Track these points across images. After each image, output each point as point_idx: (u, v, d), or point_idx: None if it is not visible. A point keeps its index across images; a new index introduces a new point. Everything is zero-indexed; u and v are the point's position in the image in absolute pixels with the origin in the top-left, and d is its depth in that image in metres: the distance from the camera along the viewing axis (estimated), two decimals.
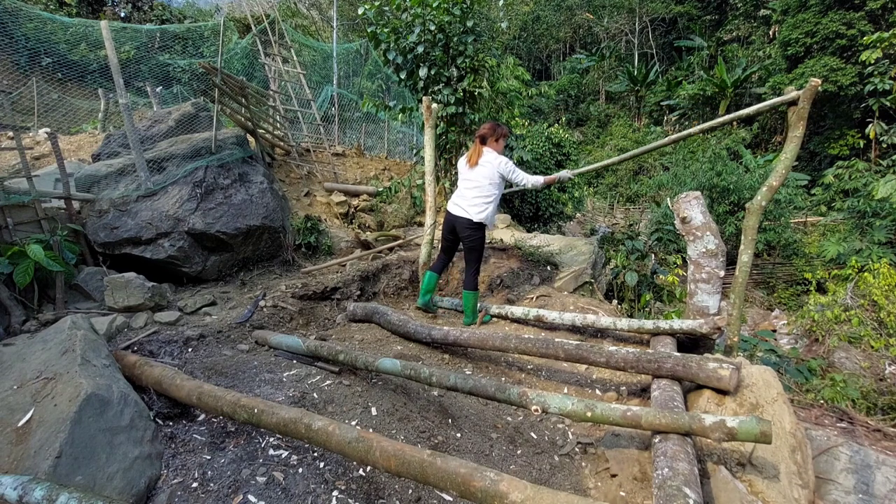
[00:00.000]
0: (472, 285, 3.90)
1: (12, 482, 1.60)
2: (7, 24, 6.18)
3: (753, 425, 1.83)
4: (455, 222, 3.85)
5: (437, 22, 5.66)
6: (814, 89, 2.96)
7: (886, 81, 16.73)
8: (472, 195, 3.75)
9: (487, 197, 3.74)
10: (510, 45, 34.14)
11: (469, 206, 3.75)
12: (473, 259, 3.88)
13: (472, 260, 3.88)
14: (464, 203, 3.78)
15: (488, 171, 3.71)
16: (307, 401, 2.51)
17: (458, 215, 3.81)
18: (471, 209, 3.74)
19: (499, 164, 3.71)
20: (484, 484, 1.56)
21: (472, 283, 3.90)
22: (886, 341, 4.63)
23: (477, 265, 3.91)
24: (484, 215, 3.75)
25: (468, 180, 3.80)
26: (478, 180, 3.74)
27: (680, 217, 3.40)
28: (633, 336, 3.68)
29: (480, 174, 3.73)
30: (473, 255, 3.87)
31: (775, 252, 13.26)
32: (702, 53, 29.14)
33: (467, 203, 3.76)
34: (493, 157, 3.72)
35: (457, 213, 3.82)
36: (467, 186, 3.80)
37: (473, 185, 3.75)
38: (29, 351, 2.29)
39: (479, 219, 3.74)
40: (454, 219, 3.85)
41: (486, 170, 3.72)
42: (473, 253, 3.87)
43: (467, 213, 3.74)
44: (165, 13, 19.34)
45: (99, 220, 4.47)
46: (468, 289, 3.91)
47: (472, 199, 3.75)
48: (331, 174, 8.13)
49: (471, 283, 3.90)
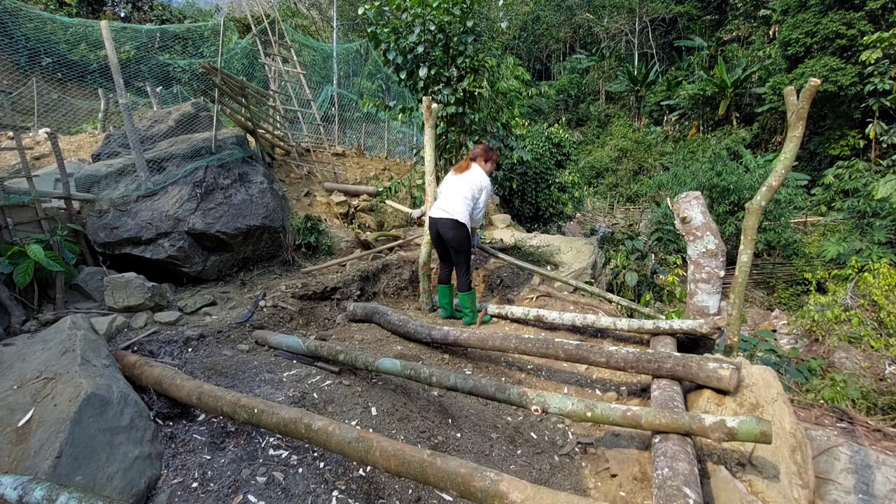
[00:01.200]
0: (465, 286, 4.03)
1: (12, 482, 1.60)
2: (7, 24, 6.17)
3: (753, 425, 1.83)
4: (438, 225, 3.99)
5: (437, 22, 5.66)
6: (813, 89, 2.95)
7: (886, 81, 16.73)
8: (455, 199, 3.94)
9: (469, 202, 3.94)
10: (510, 45, 34.14)
11: (451, 207, 3.93)
12: (462, 261, 4.01)
13: (461, 262, 4.01)
14: (446, 205, 3.96)
15: (473, 181, 3.99)
16: (307, 401, 2.52)
17: (440, 217, 3.97)
18: (454, 209, 3.91)
19: (481, 181, 4.00)
20: (484, 484, 1.56)
21: (464, 285, 4.03)
22: (886, 341, 4.63)
23: (466, 266, 4.02)
24: (466, 216, 3.90)
25: (452, 186, 4.05)
26: (461, 188, 3.97)
27: (680, 217, 3.40)
28: (633, 336, 3.68)
29: (466, 182, 3.98)
30: (461, 256, 4.00)
31: (775, 252, 13.27)
32: (702, 53, 29.13)
33: (450, 205, 3.94)
34: (480, 174, 4.03)
35: (440, 215, 3.97)
36: (451, 191, 4.02)
37: (457, 189, 3.98)
38: (29, 351, 2.29)
39: (463, 219, 3.89)
40: (437, 222, 3.99)
41: (471, 180, 4.00)
42: (461, 255, 4.00)
43: (451, 214, 3.90)
44: (165, 13, 19.35)
45: (99, 220, 4.47)
46: (462, 290, 4.04)
47: (454, 202, 3.93)
48: (331, 174, 8.13)
49: (464, 285, 4.03)
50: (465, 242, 3.96)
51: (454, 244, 3.97)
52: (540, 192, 10.21)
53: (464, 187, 3.96)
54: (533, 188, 10.13)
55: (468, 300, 4.03)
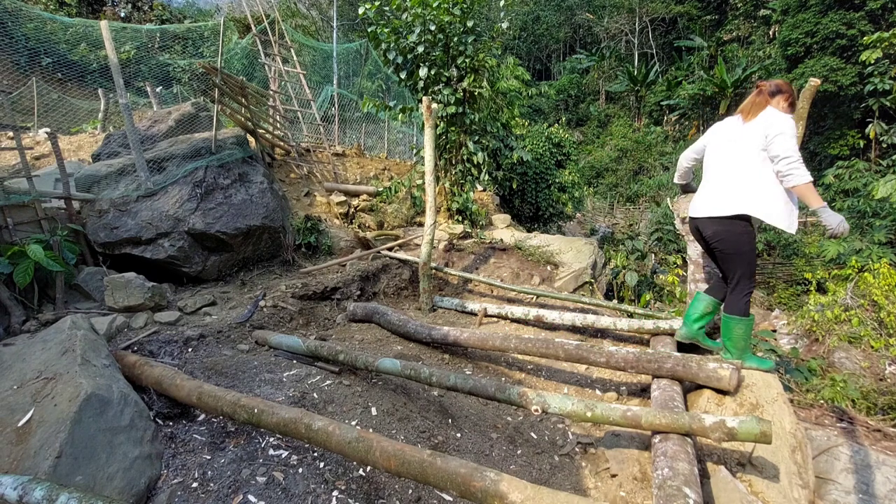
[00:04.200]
0: (739, 308, 2.56)
1: (12, 482, 1.60)
2: (7, 24, 6.17)
3: (753, 425, 1.83)
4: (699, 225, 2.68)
5: (437, 22, 5.67)
6: (813, 89, 2.96)
7: (886, 81, 16.72)
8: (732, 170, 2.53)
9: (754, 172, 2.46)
10: (510, 45, 34.14)
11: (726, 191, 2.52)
12: (739, 267, 2.56)
13: (737, 268, 2.57)
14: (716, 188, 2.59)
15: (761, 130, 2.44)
16: (307, 401, 2.52)
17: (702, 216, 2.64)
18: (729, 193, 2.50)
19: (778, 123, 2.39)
20: (484, 484, 1.56)
21: (739, 306, 2.56)
22: (886, 341, 4.63)
23: (748, 277, 2.56)
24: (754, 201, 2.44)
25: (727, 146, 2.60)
26: (744, 146, 2.50)
27: (680, 217, 3.40)
28: (633, 336, 3.68)
29: (751, 134, 2.48)
30: (737, 261, 2.56)
31: (775, 252, 13.26)
32: (702, 53, 29.13)
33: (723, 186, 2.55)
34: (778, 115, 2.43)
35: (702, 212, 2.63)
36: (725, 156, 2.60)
37: (735, 152, 2.54)
38: (29, 351, 2.29)
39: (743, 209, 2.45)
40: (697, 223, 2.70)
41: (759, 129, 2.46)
42: (736, 259, 2.56)
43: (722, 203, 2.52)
44: (165, 13, 19.35)
45: (99, 220, 4.47)
46: (734, 313, 2.57)
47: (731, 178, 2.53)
48: (331, 174, 8.13)
49: (738, 306, 2.56)
50: (742, 239, 2.51)
51: (721, 245, 2.58)
52: (540, 192, 10.20)
53: (749, 147, 2.48)
54: (533, 188, 10.13)
55: (740, 329, 2.58)
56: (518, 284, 5.09)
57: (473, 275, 5.11)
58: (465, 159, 6.53)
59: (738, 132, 2.57)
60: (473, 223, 6.86)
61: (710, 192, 2.64)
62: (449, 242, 6.09)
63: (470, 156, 6.38)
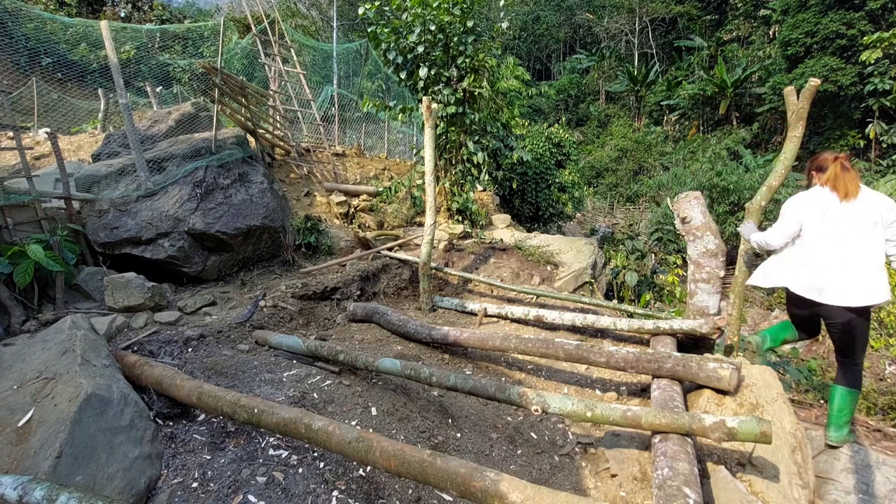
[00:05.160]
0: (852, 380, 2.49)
1: (12, 482, 1.60)
2: (7, 24, 6.17)
3: (753, 425, 1.83)
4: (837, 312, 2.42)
5: (437, 22, 5.67)
6: (813, 89, 2.95)
7: (886, 81, 16.72)
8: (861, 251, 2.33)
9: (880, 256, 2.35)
10: (510, 45, 34.15)
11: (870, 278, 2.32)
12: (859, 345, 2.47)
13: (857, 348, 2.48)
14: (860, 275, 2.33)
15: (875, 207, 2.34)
16: (307, 401, 2.52)
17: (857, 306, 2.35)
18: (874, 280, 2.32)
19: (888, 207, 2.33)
20: (484, 484, 1.56)
21: (853, 378, 2.49)
22: (886, 341, 4.64)
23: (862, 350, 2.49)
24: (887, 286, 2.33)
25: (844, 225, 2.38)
26: (863, 224, 2.34)
27: (680, 217, 3.40)
28: (633, 336, 3.68)
29: (867, 212, 2.35)
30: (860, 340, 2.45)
31: None
32: (702, 53, 29.13)
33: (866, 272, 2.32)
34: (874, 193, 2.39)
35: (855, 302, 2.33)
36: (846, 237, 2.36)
37: (856, 232, 2.34)
38: (29, 351, 2.29)
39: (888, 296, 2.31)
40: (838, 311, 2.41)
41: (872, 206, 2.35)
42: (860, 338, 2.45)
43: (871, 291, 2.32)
44: (165, 13, 19.34)
45: (99, 220, 4.47)
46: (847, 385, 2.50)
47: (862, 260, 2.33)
48: (331, 174, 8.12)
49: (852, 378, 2.49)
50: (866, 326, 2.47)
51: (860, 328, 2.43)
52: (540, 192, 10.20)
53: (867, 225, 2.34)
54: (533, 188, 10.13)
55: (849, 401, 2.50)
56: (518, 284, 5.09)
57: (473, 275, 5.11)
58: (465, 159, 6.53)
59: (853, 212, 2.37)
60: (473, 223, 6.86)
61: (851, 279, 2.33)
62: (449, 242, 6.09)
63: (470, 156, 6.38)
